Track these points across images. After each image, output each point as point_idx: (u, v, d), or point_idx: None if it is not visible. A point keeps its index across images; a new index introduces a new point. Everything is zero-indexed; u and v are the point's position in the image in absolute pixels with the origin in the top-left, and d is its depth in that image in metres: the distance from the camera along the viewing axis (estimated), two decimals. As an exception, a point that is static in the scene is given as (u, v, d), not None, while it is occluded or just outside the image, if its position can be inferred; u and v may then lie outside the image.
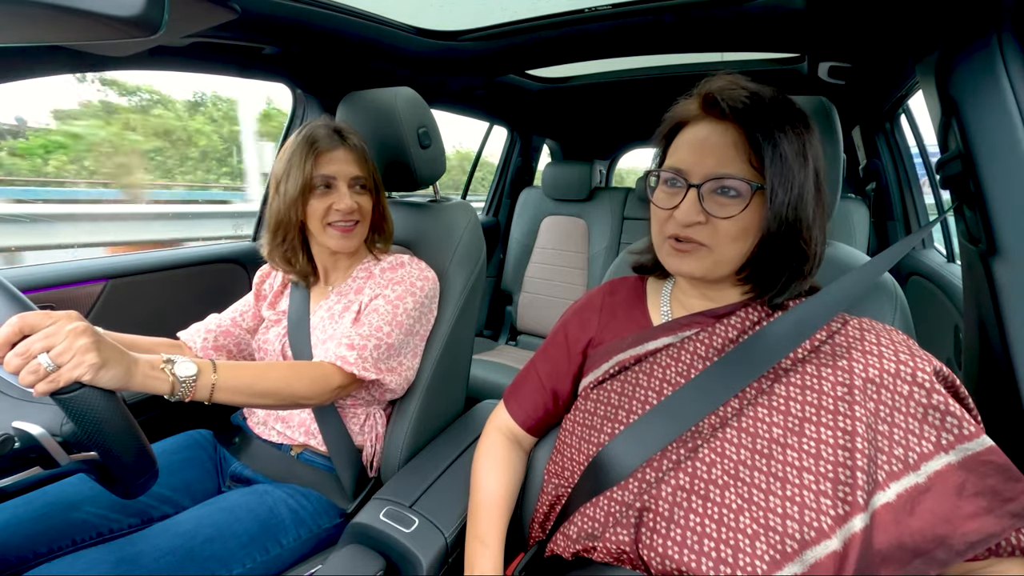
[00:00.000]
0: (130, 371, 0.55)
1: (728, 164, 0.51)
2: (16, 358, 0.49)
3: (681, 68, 1.58)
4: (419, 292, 0.85)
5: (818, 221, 0.53)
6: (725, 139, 0.52)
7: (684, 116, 0.57)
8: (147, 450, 0.56)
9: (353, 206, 0.82)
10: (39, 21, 0.50)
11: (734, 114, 0.51)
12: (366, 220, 0.87)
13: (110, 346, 0.54)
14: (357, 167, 0.84)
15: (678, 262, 0.56)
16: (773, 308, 0.57)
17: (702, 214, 0.52)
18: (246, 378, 0.67)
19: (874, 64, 1.20)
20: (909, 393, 0.48)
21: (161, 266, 1.16)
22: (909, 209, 1.70)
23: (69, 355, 0.50)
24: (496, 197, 2.55)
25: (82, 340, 0.51)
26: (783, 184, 0.50)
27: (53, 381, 0.49)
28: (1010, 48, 0.62)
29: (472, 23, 1.17)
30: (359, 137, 0.87)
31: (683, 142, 0.56)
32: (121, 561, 0.62)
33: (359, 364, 0.77)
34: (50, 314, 0.52)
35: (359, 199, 0.84)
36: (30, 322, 0.50)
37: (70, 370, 0.50)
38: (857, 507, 0.44)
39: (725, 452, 0.51)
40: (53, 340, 0.50)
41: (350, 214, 0.82)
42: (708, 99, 0.54)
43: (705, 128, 0.54)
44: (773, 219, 0.50)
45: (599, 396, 0.63)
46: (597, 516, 0.56)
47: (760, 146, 0.50)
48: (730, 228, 0.52)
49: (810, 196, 0.52)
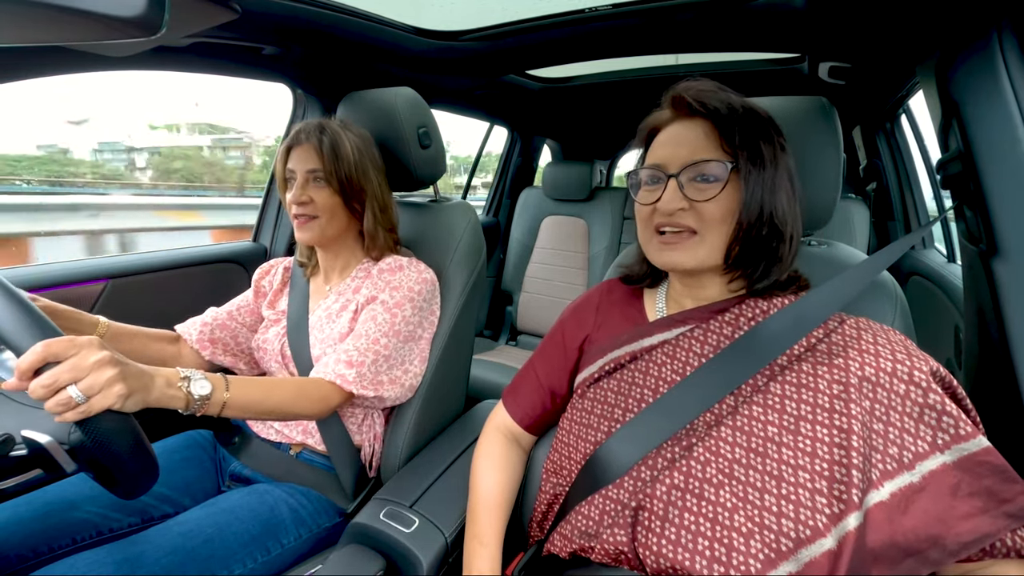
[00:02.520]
0: (149, 390, 0.56)
1: (702, 151, 0.55)
2: (42, 389, 0.49)
3: (681, 68, 1.58)
4: (418, 297, 0.85)
5: (791, 209, 0.55)
6: (696, 131, 0.56)
7: (657, 122, 0.61)
8: (148, 450, 0.56)
9: (303, 197, 0.83)
10: (39, 21, 0.50)
11: (702, 108, 0.55)
12: (326, 215, 0.85)
13: (134, 371, 0.55)
14: (314, 161, 0.83)
15: (668, 256, 0.57)
16: (753, 295, 0.58)
17: (684, 200, 0.54)
18: (255, 396, 0.68)
19: (874, 64, 1.20)
20: (905, 392, 0.47)
21: (161, 266, 1.16)
22: (909, 209, 1.70)
23: (98, 388, 0.50)
24: (496, 197, 2.55)
25: (109, 372, 0.51)
26: (755, 164, 0.53)
27: (84, 412, 0.50)
28: (1010, 48, 0.62)
29: (472, 23, 1.17)
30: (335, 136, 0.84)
31: (658, 143, 0.59)
32: (123, 561, 0.62)
33: (357, 383, 0.77)
34: (74, 341, 0.52)
35: (315, 193, 0.83)
36: (54, 351, 0.50)
37: (100, 401, 0.51)
38: (852, 505, 0.44)
39: (720, 450, 0.51)
40: (80, 372, 0.50)
41: (302, 206, 0.83)
42: (676, 100, 0.58)
43: (677, 127, 0.58)
44: (750, 197, 0.53)
45: (595, 394, 0.63)
46: (592, 514, 0.56)
47: (730, 133, 0.53)
48: (714, 210, 0.54)
49: (783, 185, 0.54)
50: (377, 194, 0.88)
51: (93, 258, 1.08)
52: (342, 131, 0.86)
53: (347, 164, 0.84)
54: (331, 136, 0.84)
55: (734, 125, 0.54)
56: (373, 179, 0.87)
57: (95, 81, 1.18)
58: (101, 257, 1.10)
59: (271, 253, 1.37)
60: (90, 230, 4.89)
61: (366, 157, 0.87)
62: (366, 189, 0.87)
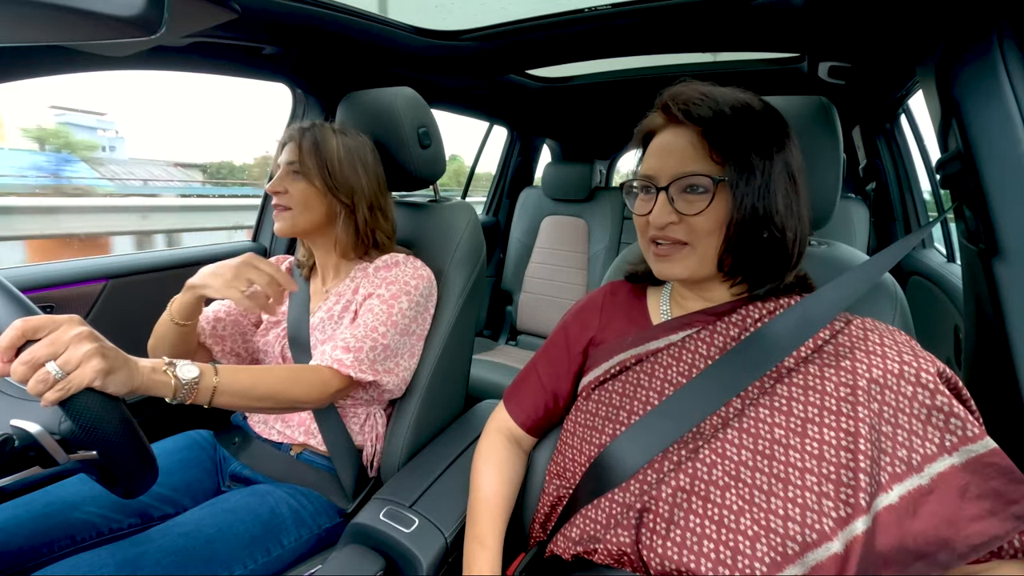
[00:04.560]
0: (133, 374, 0.55)
1: (689, 163, 0.54)
2: (22, 367, 0.48)
3: (681, 68, 1.57)
4: (414, 292, 0.85)
5: (794, 209, 0.54)
6: (684, 141, 0.55)
7: (651, 127, 0.60)
8: (147, 450, 0.56)
9: (278, 187, 0.84)
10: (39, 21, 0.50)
11: (687, 117, 0.54)
12: (299, 206, 0.85)
13: (114, 350, 0.54)
14: (293, 154, 0.85)
15: (663, 266, 0.58)
16: (753, 299, 0.58)
17: (674, 214, 0.54)
18: (246, 381, 0.67)
19: (874, 64, 1.20)
20: (913, 394, 0.47)
21: (161, 266, 1.16)
22: (909, 209, 1.70)
23: (76, 362, 0.49)
24: (496, 197, 2.55)
25: (87, 345, 0.50)
26: (743, 175, 0.52)
27: (63, 390, 0.49)
28: (1010, 48, 0.62)
29: (472, 23, 1.17)
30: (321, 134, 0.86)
31: (651, 151, 0.59)
32: (123, 562, 0.62)
33: (355, 366, 0.77)
34: (53, 318, 0.51)
35: (290, 184, 0.85)
36: (33, 326, 0.49)
37: (79, 377, 0.49)
38: (859, 509, 0.44)
39: (726, 453, 0.51)
40: (58, 347, 0.49)
41: (277, 195, 0.85)
42: (664, 107, 0.57)
43: (668, 134, 0.57)
44: (737, 209, 0.52)
45: (600, 396, 0.63)
46: (599, 518, 0.56)
47: (718, 141, 0.53)
48: (704, 223, 0.54)
49: (779, 186, 0.53)
50: (367, 193, 0.88)
51: (93, 258, 1.08)
52: (333, 132, 0.87)
53: (328, 159, 0.85)
54: (315, 132, 0.86)
55: (721, 132, 0.53)
56: (363, 178, 0.87)
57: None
58: (101, 257, 1.10)
59: (271, 253, 1.37)
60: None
61: (355, 156, 0.87)
62: (354, 187, 0.87)
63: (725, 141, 0.52)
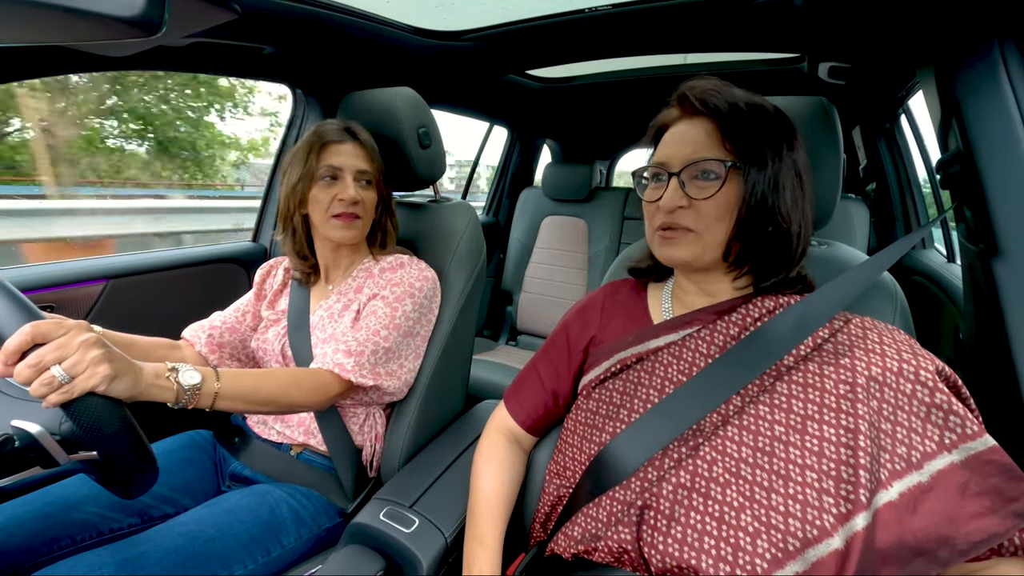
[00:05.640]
0: (137, 380, 0.55)
1: (704, 149, 0.55)
2: (28, 369, 0.48)
3: (681, 68, 1.58)
4: (418, 293, 0.85)
5: (799, 205, 0.55)
6: (699, 130, 0.57)
7: (665, 120, 0.62)
8: (147, 450, 0.56)
9: (356, 197, 0.83)
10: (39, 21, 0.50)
11: (704, 107, 0.56)
12: (368, 215, 0.87)
13: (120, 356, 0.54)
14: (364, 162, 0.86)
15: (668, 250, 0.58)
16: (760, 293, 0.58)
17: (684, 198, 0.55)
18: (247, 386, 0.67)
19: (874, 64, 1.20)
20: (912, 392, 0.48)
21: (161, 266, 1.16)
22: (909, 209, 1.70)
23: (83, 367, 0.50)
24: (496, 197, 2.55)
25: (94, 352, 0.51)
26: (756, 163, 0.53)
27: (67, 393, 0.49)
28: (1010, 48, 0.62)
29: (472, 23, 1.17)
30: (369, 136, 0.89)
31: (664, 141, 0.60)
32: (123, 562, 0.62)
33: (356, 371, 0.77)
34: (61, 323, 0.52)
35: (363, 193, 0.85)
36: (42, 331, 0.50)
37: (84, 381, 0.50)
38: (860, 505, 0.44)
39: (727, 450, 0.51)
40: (65, 351, 0.50)
41: (353, 205, 0.83)
42: (681, 98, 0.59)
43: (683, 125, 0.59)
44: (749, 195, 0.53)
45: (601, 395, 0.63)
46: (600, 516, 0.56)
47: (731, 131, 0.54)
48: (712, 209, 0.54)
49: (787, 180, 0.54)
50: (385, 193, 0.91)
51: (93, 258, 1.08)
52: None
53: (381, 169, 0.89)
54: (370, 138, 0.88)
55: (736, 123, 0.54)
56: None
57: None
58: (101, 257, 1.10)
59: (271, 253, 1.37)
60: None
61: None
62: (388, 192, 0.91)
63: (739, 132, 0.54)
